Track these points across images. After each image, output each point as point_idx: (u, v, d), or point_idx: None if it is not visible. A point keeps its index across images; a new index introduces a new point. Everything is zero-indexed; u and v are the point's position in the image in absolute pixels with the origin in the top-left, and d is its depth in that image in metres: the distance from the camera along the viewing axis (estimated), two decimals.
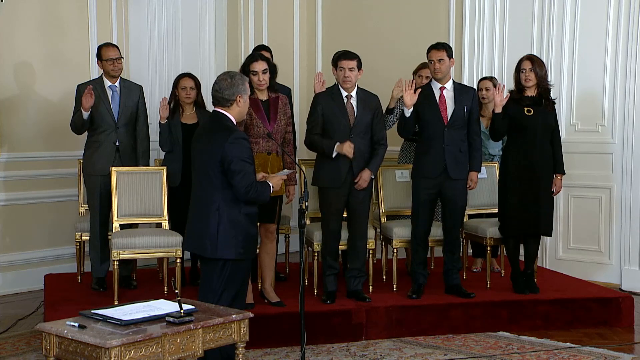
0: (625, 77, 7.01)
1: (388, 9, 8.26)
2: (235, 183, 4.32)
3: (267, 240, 5.61)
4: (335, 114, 5.71)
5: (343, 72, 5.67)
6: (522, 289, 6.05)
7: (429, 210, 5.95)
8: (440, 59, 5.82)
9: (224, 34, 8.27)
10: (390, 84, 7.42)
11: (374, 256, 6.11)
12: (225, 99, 4.42)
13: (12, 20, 6.76)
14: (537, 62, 5.93)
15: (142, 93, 6.31)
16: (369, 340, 5.59)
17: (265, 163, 5.46)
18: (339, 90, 5.76)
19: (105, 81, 6.18)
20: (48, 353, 3.80)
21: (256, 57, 5.47)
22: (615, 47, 7.06)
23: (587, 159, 7.18)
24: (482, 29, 7.67)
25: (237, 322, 4.05)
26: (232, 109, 4.45)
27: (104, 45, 6.23)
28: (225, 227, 4.37)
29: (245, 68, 5.46)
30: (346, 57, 5.69)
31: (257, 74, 5.42)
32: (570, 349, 5.41)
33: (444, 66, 5.84)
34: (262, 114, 5.46)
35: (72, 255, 6.75)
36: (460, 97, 5.88)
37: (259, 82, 5.44)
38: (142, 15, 7.69)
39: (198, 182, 4.48)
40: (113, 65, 6.12)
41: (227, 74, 4.51)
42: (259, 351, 5.27)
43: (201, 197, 4.44)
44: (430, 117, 5.86)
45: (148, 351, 3.66)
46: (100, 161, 6.10)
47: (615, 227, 7.10)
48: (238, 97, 4.43)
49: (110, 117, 6.12)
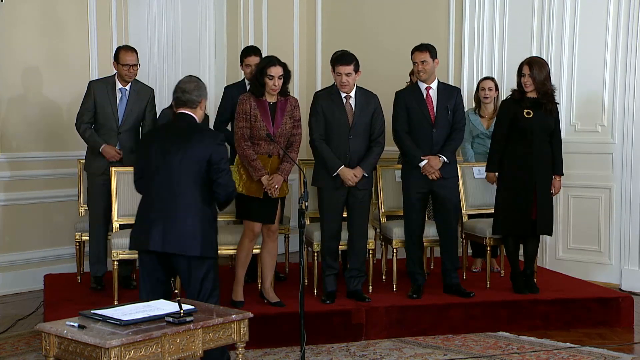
0: (625, 76, 7.01)
1: (388, 10, 8.26)
2: (224, 182, 4.39)
3: (269, 239, 5.62)
4: (334, 114, 5.72)
5: (340, 77, 5.69)
6: (522, 289, 6.05)
7: (420, 209, 5.98)
8: (424, 61, 5.87)
9: (224, 34, 8.26)
10: (389, 84, 7.43)
11: (373, 256, 6.11)
12: (192, 101, 4.47)
13: (12, 20, 6.76)
14: (537, 66, 5.91)
15: (152, 96, 6.29)
16: (368, 340, 5.59)
17: (266, 165, 5.46)
18: (338, 90, 5.77)
19: (116, 83, 6.16)
20: (48, 353, 3.80)
21: (274, 62, 5.45)
22: (615, 47, 7.06)
23: (587, 159, 7.18)
24: (482, 28, 7.67)
25: (236, 322, 4.05)
26: (197, 112, 4.50)
27: (122, 48, 6.18)
28: (206, 225, 4.41)
29: (263, 70, 5.42)
30: (343, 62, 5.69)
31: (274, 78, 5.42)
32: (570, 349, 5.41)
33: (428, 67, 5.88)
34: (268, 116, 5.46)
35: (72, 255, 6.75)
36: (444, 97, 5.93)
37: (273, 87, 5.43)
38: (141, 15, 7.69)
39: (173, 182, 4.38)
40: (129, 70, 6.09)
41: (192, 77, 4.59)
42: (259, 351, 5.27)
43: (179, 196, 4.37)
44: (418, 117, 5.91)
45: (148, 351, 3.66)
46: (98, 161, 6.09)
47: (615, 227, 7.10)
48: (202, 100, 4.51)
49: (114, 121, 6.11)
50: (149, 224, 4.37)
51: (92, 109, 6.10)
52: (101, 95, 6.10)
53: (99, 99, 6.09)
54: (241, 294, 5.63)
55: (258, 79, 5.44)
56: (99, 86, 6.15)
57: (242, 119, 5.45)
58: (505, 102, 6.11)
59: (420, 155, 5.86)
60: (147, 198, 4.48)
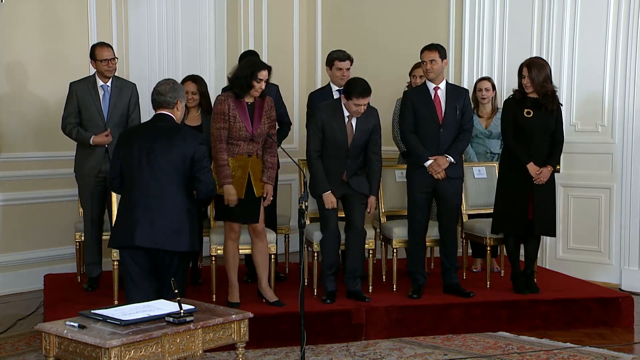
0: (625, 76, 7.01)
1: (388, 10, 8.25)
2: (205, 179, 4.59)
3: (257, 240, 5.63)
4: (334, 132, 5.76)
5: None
6: (522, 289, 6.05)
7: (424, 208, 5.97)
8: (433, 60, 5.86)
9: (224, 34, 8.26)
10: (389, 85, 7.44)
11: (373, 256, 6.11)
12: (168, 102, 4.62)
13: (12, 20, 6.75)
14: (536, 68, 5.89)
15: (134, 91, 6.29)
16: (368, 340, 5.58)
17: (246, 165, 5.48)
18: (341, 105, 5.79)
19: (97, 80, 6.17)
20: (48, 353, 3.80)
21: (264, 66, 5.53)
22: (615, 47, 7.06)
23: (587, 159, 7.18)
24: (482, 29, 7.66)
25: (237, 322, 4.05)
26: (174, 112, 4.66)
27: (97, 45, 6.20)
28: (192, 221, 4.60)
29: (253, 74, 5.44)
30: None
31: (261, 81, 5.47)
32: (570, 349, 5.41)
33: (436, 66, 5.87)
34: (247, 116, 5.48)
35: (72, 255, 6.75)
36: (452, 98, 5.93)
37: (259, 89, 5.48)
38: (141, 15, 7.69)
39: (158, 179, 4.50)
40: (107, 65, 6.11)
41: (168, 79, 4.76)
42: (259, 351, 5.27)
43: (165, 194, 4.49)
44: (426, 117, 5.90)
45: (148, 351, 3.66)
46: (90, 162, 6.09)
47: (615, 227, 7.09)
48: (178, 101, 4.66)
49: (100, 118, 6.11)
50: (135, 221, 4.48)
51: (76, 110, 6.11)
52: (83, 95, 6.10)
53: (81, 98, 6.10)
54: (237, 296, 5.62)
55: (247, 82, 5.46)
56: (80, 86, 6.15)
57: (220, 119, 5.46)
58: (507, 102, 6.12)
59: (427, 155, 5.86)
60: (130, 196, 4.58)
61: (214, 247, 5.78)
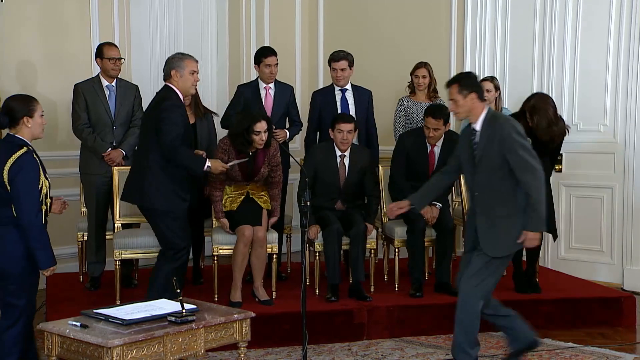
0: (627, 76, 7.00)
1: (390, 9, 8.24)
2: (164, 129, 4.95)
3: (257, 245, 5.66)
4: (326, 173, 5.91)
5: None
6: (524, 288, 6.05)
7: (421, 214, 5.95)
8: (437, 128, 5.96)
9: (226, 33, 8.26)
10: (390, 85, 7.42)
11: (375, 256, 6.11)
12: (164, 73, 5.12)
13: (14, 19, 6.76)
14: (538, 114, 5.83)
15: (137, 92, 6.32)
16: (370, 340, 5.59)
17: (244, 187, 5.70)
18: (334, 146, 5.91)
19: (102, 80, 6.18)
20: (50, 352, 3.81)
21: (258, 118, 5.57)
22: (617, 47, 7.05)
23: (589, 159, 7.17)
24: (484, 28, 7.65)
25: (239, 321, 4.05)
26: (173, 82, 5.07)
27: (106, 44, 6.24)
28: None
29: (249, 129, 5.51)
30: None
31: (260, 133, 5.54)
32: (572, 348, 5.41)
33: (439, 133, 5.99)
34: (245, 167, 5.62)
35: (74, 255, 6.74)
36: (446, 150, 5.96)
37: (260, 141, 5.56)
38: (143, 15, 7.69)
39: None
40: (114, 64, 6.13)
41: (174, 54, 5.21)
42: (261, 351, 5.28)
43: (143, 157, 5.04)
44: (416, 168, 6.04)
45: (150, 351, 3.67)
46: (96, 161, 6.10)
47: (617, 227, 7.09)
48: (173, 72, 5.06)
49: (108, 117, 6.13)
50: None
51: (85, 110, 6.11)
52: (90, 95, 6.11)
53: (89, 98, 6.11)
54: (239, 296, 5.63)
55: (245, 138, 5.53)
56: (86, 87, 6.16)
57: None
58: None
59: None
60: None
61: (215, 247, 5.79)
